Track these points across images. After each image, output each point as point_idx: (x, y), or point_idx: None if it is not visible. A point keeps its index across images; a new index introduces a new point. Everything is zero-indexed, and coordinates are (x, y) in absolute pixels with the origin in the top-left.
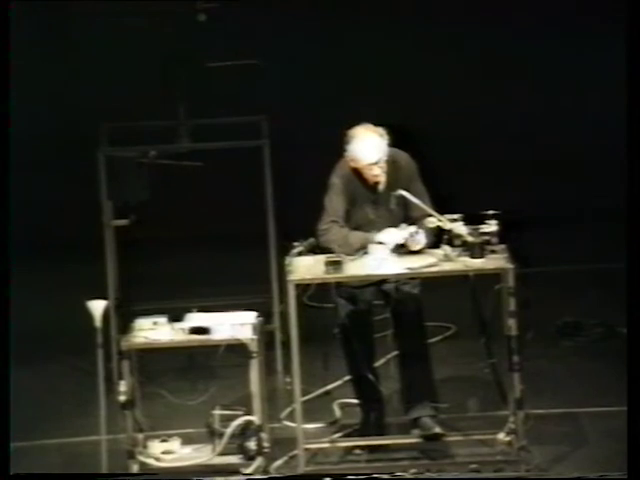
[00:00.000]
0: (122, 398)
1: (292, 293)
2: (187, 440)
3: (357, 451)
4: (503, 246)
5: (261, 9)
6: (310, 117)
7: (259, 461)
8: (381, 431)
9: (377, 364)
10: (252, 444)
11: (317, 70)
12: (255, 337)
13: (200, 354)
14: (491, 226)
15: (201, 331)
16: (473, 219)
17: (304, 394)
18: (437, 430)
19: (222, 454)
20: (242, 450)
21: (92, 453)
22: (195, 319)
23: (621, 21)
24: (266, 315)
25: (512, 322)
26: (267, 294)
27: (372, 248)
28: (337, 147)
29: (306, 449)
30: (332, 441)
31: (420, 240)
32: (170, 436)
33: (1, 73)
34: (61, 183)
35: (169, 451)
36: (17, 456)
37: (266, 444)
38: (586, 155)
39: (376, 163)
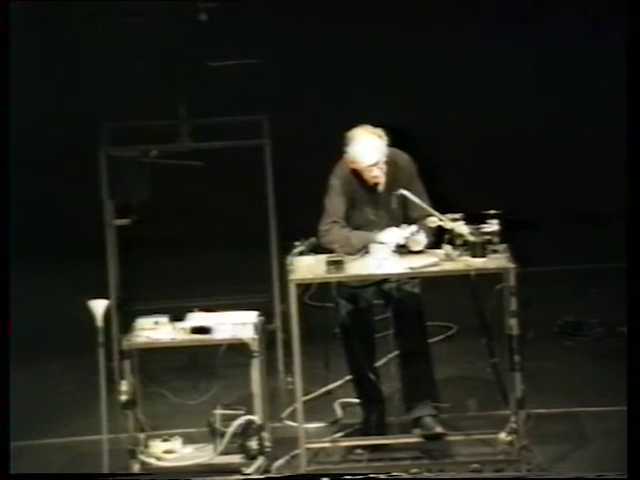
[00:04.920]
0: (123, 397)
1: (293, 293)
2: (188, 440)
3: (358, 451)
4: (504, 246)
5: (261, 9)
6: (310, 117)
7: (260, 461)
8: (382, 431)
9: (378, 364)
10: (253, 444)
11: (317, 70)
12: (256, 337)
13: (201, 354)
14: (492, 226)
15: (202, 331)
16: (474, 219)
17: (305, 394)
18: (438, 430)
19: (223, 454)
20: (243, 450)
21: (93, 453)
22: (196, 319)
23: (621, 21)
24: (267, 315)
25: (513, 322)
26: (268, 294)
27: (373, 248)
28: (337, 147)
29: (307, 449)
30: (333, 441)
31: (420, 240)
32: (171, 435)
33: (1, 73)
34: (62, 183)
35: (170, 451)
36: (17, 456)
37: (267, 444)
38: (586, 155)
39: (375, 164)
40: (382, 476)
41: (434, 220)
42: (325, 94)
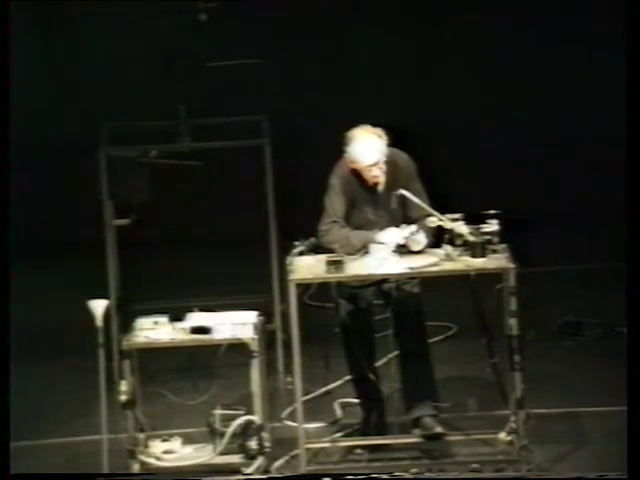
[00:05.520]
0: (123, 398)
1: (293, 292)
2: (188, 440)
3: (358, 451)
4: (504, 246)
5: (261, 9)
6: (310, 117)
7: (260, 461)
8: (382, 431)
9: (378, 364)
10: (253, 444)
11: (317, 70)
12: (256, 337)
13: (201, 354)
14: (492, 226)
15: (202, 331)
16: (474, 219)
17: (305, 394)
18: (438, 430)
19: (223, 454)
20: (243, 450)
21: (93, 453)
22: (196, 319)
23: (621, 21)
24: (267, 315)
25: (513, 322)
26: (268, 294)
27: (373, 248)
28: (337, 147)
29: (307, 449)
30: (333, 441)
31: (420, 240)
32: (171, 436)
33: (1, 73)
34: (62, 183)
35: (170, 451)
36: (17, 456)
37: (267, 444)
38: (586, 155)
39: (375, 164)
40: (384, 476)
41: (434, 220)
42: (325, 94)
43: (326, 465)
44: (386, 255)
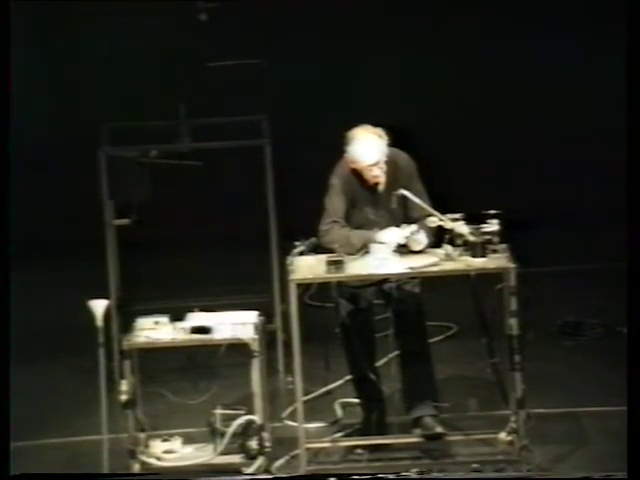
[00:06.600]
0: (123, 397)
1: (293, 292)
2: (188, 439)
3: (358, 450)
4: (504, 246)
5: (261, 9)
6: (310, 117)
7: (260, 460)
8: (382, 430)
9: (378, 364)
10: (253, 443)
11: (317, 70)
12: (256, 337)
13: (201, 354)
14: (492, 226)
15: (202, 331)
16: (474, 219)
17: (305, 393)
18: (438, 429)
19: (223, 453)
20: (243, 449)
21: (93, 453)
22: (196, 319)
23: (621, 21)
24: (267, 315)
25: (513, 321)
26: (268, 294)
27: (373, 248)
28: (337, 147)
29: (307, 448)
30: (333, 440)
31: (421, 240)
32: (171, 435)
33: (1, 73)
34: (62, 183)
35: (170, 450)
36: (17, 456)
37: (267, 443)
38: (586, 155)
39: (376, 164)
40: (390, 476)
41: (434, 220)
42: (325, 94)
43: (326, 465)
44: (386, 255)
